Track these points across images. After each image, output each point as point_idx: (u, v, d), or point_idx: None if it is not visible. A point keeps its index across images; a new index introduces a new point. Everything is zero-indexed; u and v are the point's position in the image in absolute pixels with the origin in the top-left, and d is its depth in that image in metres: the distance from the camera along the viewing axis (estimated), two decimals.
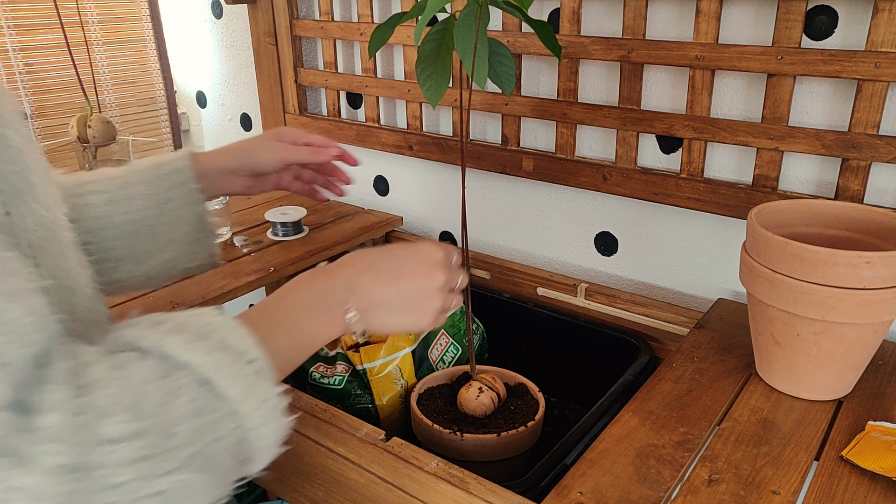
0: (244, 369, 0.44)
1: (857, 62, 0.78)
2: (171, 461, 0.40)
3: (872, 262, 0.63)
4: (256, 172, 0.81)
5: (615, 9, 0.96)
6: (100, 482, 0.37)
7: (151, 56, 1.56)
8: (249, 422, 0.44)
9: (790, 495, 0.60)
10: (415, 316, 0.57)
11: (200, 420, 0.41)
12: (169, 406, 0.40)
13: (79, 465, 0.36)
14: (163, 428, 0.39)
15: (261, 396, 0.44)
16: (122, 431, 0.38)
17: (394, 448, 0.68)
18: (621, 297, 0.99)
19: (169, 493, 0.40)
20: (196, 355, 0.42)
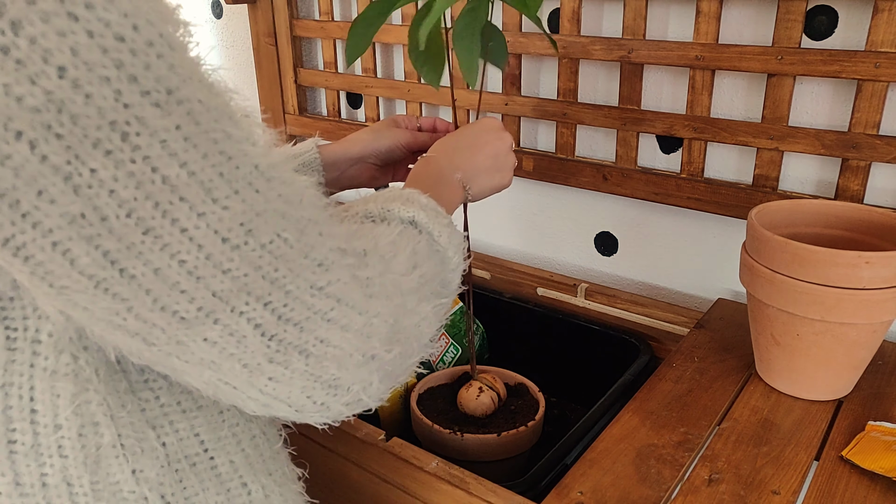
0: (444, 220, 0.54)
1: (857, 62, 0.78)
2: (427, 290, 0.49)
3: (872, 262, 0.63)
4: (383, 160, 0.82)
5: (615, 9, 0.96)
6: (406, 305, 0.46)
7: None
8: (451, 264, 0.54)
9: (790, 495, 0.60)
10: (500, 174, 0.69)
11: (430, 262, 0.51)
12: (417, 249, 0.50)
13: (398, 291, 0.45)
14: (419, 265, 0.49)
15: (457, 242, 0.55)
16: (405, 267, 0.47)
17: (394, 448, 0.68)
18: (621, 297, 0.99)
19: (430, 315, 0.49)
20: (417, 213, 0.52)
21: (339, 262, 0.41)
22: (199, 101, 0.35)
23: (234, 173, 0.36)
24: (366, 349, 0.42)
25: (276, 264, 0.37)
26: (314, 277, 0.39)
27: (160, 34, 0.33)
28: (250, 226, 0.36)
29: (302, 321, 0.39)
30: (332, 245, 0.41)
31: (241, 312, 0.37)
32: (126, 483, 0.44)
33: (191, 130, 0.34)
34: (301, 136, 1.41)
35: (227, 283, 0.36)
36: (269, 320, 0.38)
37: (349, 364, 0.41)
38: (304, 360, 0.40)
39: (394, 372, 0.46)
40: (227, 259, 0.36)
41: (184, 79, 0.34)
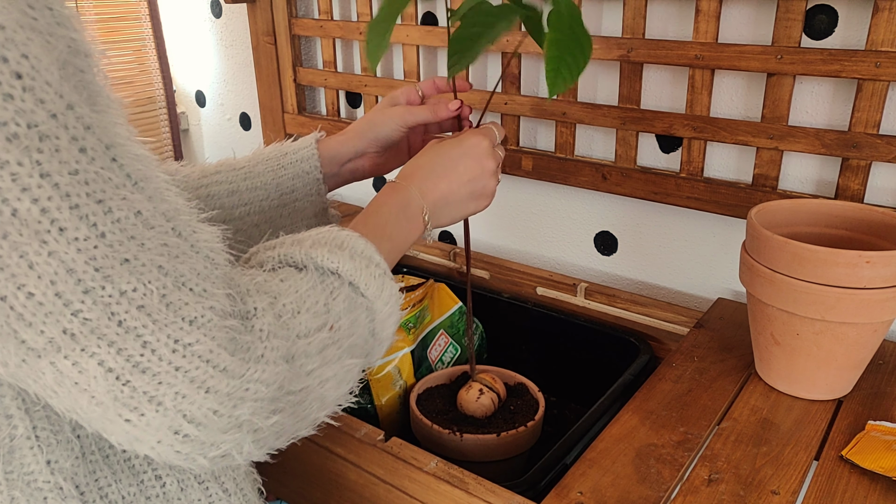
0: (375, 271, 0.51)
1: (857, 62, 0.78)
2: (340, 349, 0.47)
3: (872, 262, 0.63)
4: (383, 145, 0.77)
5: (615, 8, 0.96)
6: (300, 369, 0.44)
7: (150, 56, 1.56)
8: (380, 315, 0.52)
9: (790, 495, 0.60)
10: (475, 202, 0.66)
11: (351, 315, 0.49)
12: (330, 305, 0.47)
13: (288, 355, 0.43)
14: (331, 323, 0.47)
15: (388, 292, 0.52)
16: (309, 327, 0.45)
17: (393, 448, 0.67)
18: (621, 297, 0.99)
19: (338, 376, 0.48)
20: (342, 263, 0.49)
21: (216, 323, 0.39)
22: (70, 140, 0.34)
23: (102, 217, 0.35)
24: (234, 413, 0.40)
25: (136, 314, 0.36)
26: (180, 333, 0.38)
27: (33, 67, 0.33)
28: (109, 272, 0.35)
29: (160, 373, 0.37)
30: (210, 304, 0.39)
31: (92, 353, 0.36)
32: (41, 473, 0.44)
33: (52, 168, 0.33)
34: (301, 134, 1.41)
35: (76, 323, 0.35)
36: (123, 366, 0.37)
37: (212, 426, 0.39)
38: (160, 411, 0.38)
39: (278, 434, 0.44)
40: (78, 300, 0.35)
41: (54, 113, 0.33)
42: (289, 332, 0.44)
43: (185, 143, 1.70)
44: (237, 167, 0.74)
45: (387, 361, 0.87)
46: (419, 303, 0.97)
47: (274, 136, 1.42)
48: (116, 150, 0.36)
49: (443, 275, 1.12)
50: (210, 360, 0.39)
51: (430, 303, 0.98)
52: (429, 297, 0.99)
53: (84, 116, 0.35)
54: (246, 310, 0.42)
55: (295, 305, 0.45)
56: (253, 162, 0.75)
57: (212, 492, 0.53)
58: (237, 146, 1.59)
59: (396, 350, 0.88)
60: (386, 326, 0.53)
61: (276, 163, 0.74)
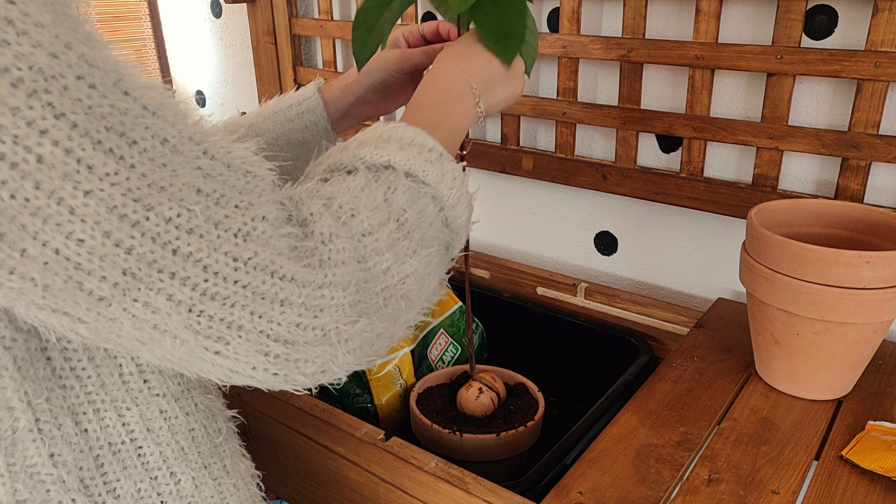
0: (429, 156, 0.49)
1: (856, 62, 0.78)
2: (412, 242, 0.46)
3: (872, 262, 0.63)
4: (382, 91, 0.76)
5: (615, 8, 0.96)
6: (374, 268, 0.43)
7: (150, 55, 1.56)
8: (448, 201, 0.49)
9: (790, 495, 0.60)
10: (514, 81, 0.63)
11: (416, 206, 0.47)
12: (391, 199, 0.45)
13: (357, 256, 0.42)
14: (395, 216, 0.45)
15: (450, 176, 0.49)
16: (371, 224, 0.43)
17: (393, 448, 0.67)
18: (621, 297, 0.99)
19: (418, 270, 0.46)
20: (392, 155, 0.47)
21: (269, 232, 0.38)
22: (77, 78, 0.33)
23: (128, 149, 0.34)
24: (316, 323, 0.39)
25: (188, 238, 0.36)
26: (236, 250, 0.37)
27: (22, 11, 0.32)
28: (149, 200, 0.35)
29: (230, 296, 0.37)
30: (258, 214, 0.38)
31: (158, 289, 0.35)
32: (43, 466, 0.44)
33: (65, 107, 0.33)
34: None
35: (132, 260, 0.35)
36: (191, 296, 0.36)
37: (298, 340, 0.39)
38: (243, 336, 0.38)
39: (371, 340, 0.43)
40: (128, 236, 0.34)
41: (54, 53, 0.33)
42: (352, 231, 0.42)
43: None
44: (245, 124, 0.73)
45: (387, 361, 0.87)
46: None
47: None
48: (126, 84, 0.36)
49: None
50: (275, 272, 0.38)
51: None
52: None
53: (85, 54, 0.34)
54: (302, 216, 0.41)
55: (352, 205, 0.44)
56: (260, 118, 0.74)
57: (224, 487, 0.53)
58: None
59: (396, 350, 0.88)
60: (458, 213, 0.51)
61: (282, 116, 0.73)
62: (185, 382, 0.50)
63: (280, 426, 0.77)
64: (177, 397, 0.50)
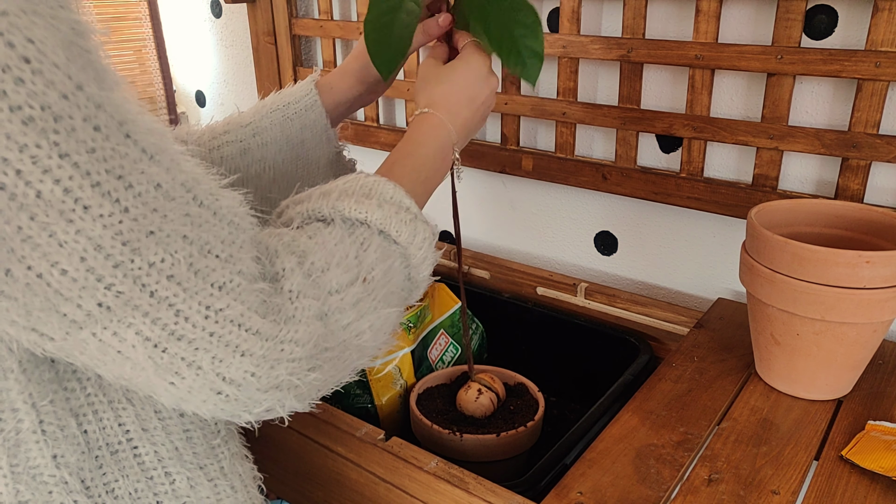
0: (405, 217, 0.51)
1: (856, 62, 0.78)
2: (375, 300, 0.48)
3: (872, 262, 0.63)
4: (377, 84, 0.77)
5: (615, 8, 0.96)
6: (335, 325, 0.45)
7: (150, 56, 1.56)
8: (414, 260, 0.52)
9: (790, 495, 0.60)
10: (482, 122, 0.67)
11: (385, 264, 0.49)
12: (362, 257, 0.48)
13: (321, 313, 0.44)
14: (364, 275, 0.47)
15: (421, 237, 0.52)
16: (340, 282, 0.46)
17: (393, 448, 0.67)
18: (621, 297, 0.99)
19: (375, 326, 0.48)
20: (370, 212, 0.49)
21: (244, 286, 0.40)
22: (83, 120, 0.34)
23: (124, 192, 0.36)
24: (272, 374, 0.41)
25: (167, 284, 0.37)
26: (210, 300, 0.39)
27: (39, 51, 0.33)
28: (136, 244, 0.36)
29: (195, 340, 0.39)
30: (236, 268, 0.40)
31: (129, 324, 0.37)
32: (46, 467, 0.45)
33: (70, 148, 0.34)
34: None
35: (110, 296, 0.36)
36: (159, 335, 0.38)
37: (251, 387, 0.41)
38: (200, 375, 0.40)
39: (319, 388, 0.45)
40: (109, 274, 0.36)
41: (65, 94, 0.34)
42: (319, 289, 0.44)
43: None
44: (244, 123, 0.74)
45: (387, 361, 0.87)
46: (419, 302, 0.97)
47: None
48: (129, 126, 0.37)
49: (443, 274, 1.12)
50: (242, 324, 0.40)
51: (431, 302, 0.98)
52: (429, 296, 0.99)
53: (94, 95, 0.35)
54: (274, 271, 0.43)
55: (324, 262, 0.46)
56: (258, 116, 0.74)
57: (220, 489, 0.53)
58: None
59: (396, 350, 0.88)
60: (422, 269, 0.53)
61: (280, 114, 0.74)
62: None
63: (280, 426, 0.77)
64: None
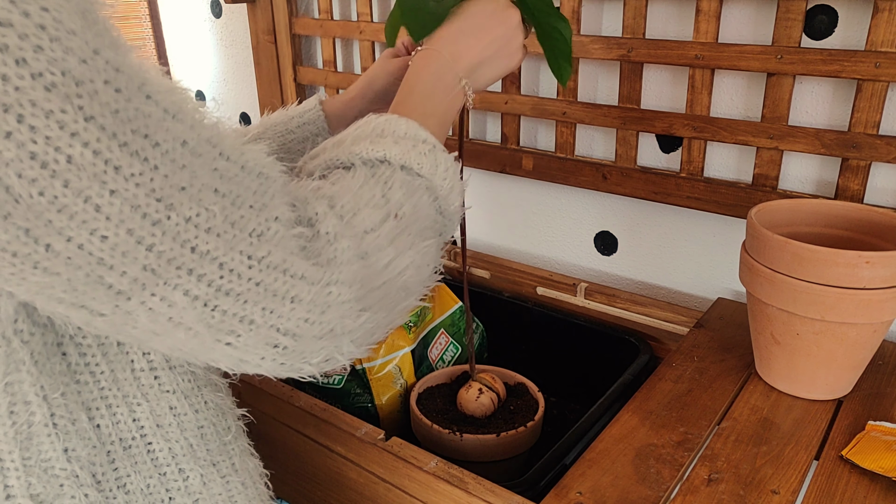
0: (423, 148, 0.50)
1: (856, 62, 0.78)
2: (410, 235, 0.48)
3: (872, 262, 0.63)
4: (385, 99, 0.78)
5: (615, 7, 0.96)
6: (376, 264, 0.45)
7: (150, 55, 1.56)
8: (441, 190, 0.51)
9: (790, 495, 0.60)
10: (507, 59, 0.63)
11: (413, 199, 0.49)
12: (389, 195, 0.47)
13: (360, 253, 0.44)
14: (394, 212, 0.47)
15: (443, 166, 0.51)
16: (372, 221, 0.45)
17: (393, 448, 0.68)
18: (621, 297, 0.99)
19: (415, 262, 0.48)
20: (387, 150, 0.49)
21: (282, 233, 0.40)
22: (104, 83, 0.35)
23: (151, 151, 0.36)
24: (323, 318, 0.41)
25: (206, 237, 0.37)
26: (251, 249, 0.39)
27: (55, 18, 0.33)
28: (171, 200, 0.36)
29: (243, 292, 0.39)
30: (271, 215, 0.40)
31: (175, 285, 0.37)
32: (58, 460, 0.45)
33: (94, 111, 0.34)
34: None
35: (152, 257, 0.36)
36: (207, 292, 0.38)
37: (306, 335, 0.41)
38: (254, 330, 0.39)
39: (372, 329, 0.46)
40: (149, 234, 0.36)
41: (84, 58, 0.34)
42: (354, 230, 0.44)
43: None
44: (245, 134, 0.75)
45: (387, 360, 0.87)
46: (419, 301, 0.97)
47: None
48: (148, 87, 0.37)
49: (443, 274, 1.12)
50: (287, 270, 0.40)
51: (431, 302, 0.98)
52: (429, 296, 0.99)
53: (112, 59, 0.35)
54: (308, 216, 0.43)
55: (353, 204, 0.46)
56: (262, 129, 0.76)
57: (232, 485, 0.53)
58: None
59: (397, 349, 0.88)
60: (451, 201, 0.53)
61: (283, 127, 0.75)
62: (196, 380, 0.51)
63: (280, 426, 0.77)
64: (186, 394, 0.50)
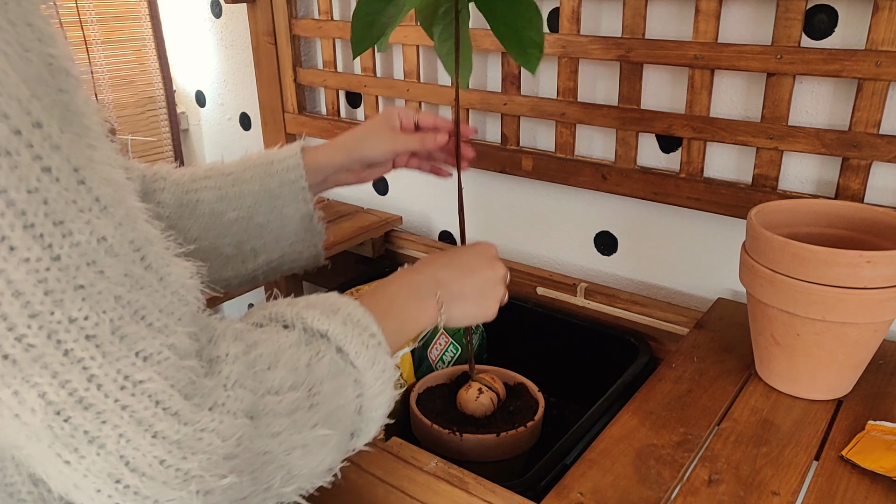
0: (368, 341, 0.49)
1: (857, 61, 0.78)
2: (315, 416, 0.44)
3: (873, 262, 0.63)
4: (368, 165, 0.79)
5: (614, 8, 0.96)
6: (265, 429, 0.41)
7: (150, 55, 1.56)
8: (369, 390, 0.49)
9: (790, 495, 0.60)
10: (484, 306, 0.65)
11: (335, 382, 0.46)
12: (313, 367, 0.45)
13: (252, 410, 0.40)
14: (310, 385, 0.44)
15: (380, 367, 0.49)
16: (282, 383, 0.42)
17: (393, 448, 0.67)
18: (621, 297, 0.98)
19: (310, 446, 0.44)
20: (332, 326, 0.47)
21: (173, 362, 0.37)
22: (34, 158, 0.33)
23: (59, 239, 0.34)
24: (183, 465, 0.37)
25: (85, 344, 0.34)
26: (131, 369, 0.35)
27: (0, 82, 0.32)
28: (60, 296, 0.34)
29: (104, 411, 0.35)
30: (170, 341, 0.37)
31: (33, 383, 0.34)
32: (24, 484, 0.43)
33: (9, 184, 0.32)
34: (300, 135, 1.41)
35: (18, 348, 0.33)
36: (65, 400, 0.34)
37: (157, 475, 0.36)
38: (102, 455, 0.35)
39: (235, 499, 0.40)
40: (24, 324, 0.33)
41: (18, 129, 0.32)
42: (258, 385, 0.41)
43: (185, 143, 1.70)
44: (226, 172, 0.75)
45: None
46: None
47: (274, 135, 1.42)
48: (86, 173, 0.35)
49: None
50: (161, 402, 0.36)
51: None
52: None
53: (52, 136, 0.34)
54: (216, 354, 0.40)
55: (272, 358, 0.43)
56: (241, 168, 0.76)
57: None
58: (237, 146, 1.59)
59: None
60: (375, 405, 0.50)
61: (263, 170, 0.75)
62: None
63: None
64: None
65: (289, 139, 1.40)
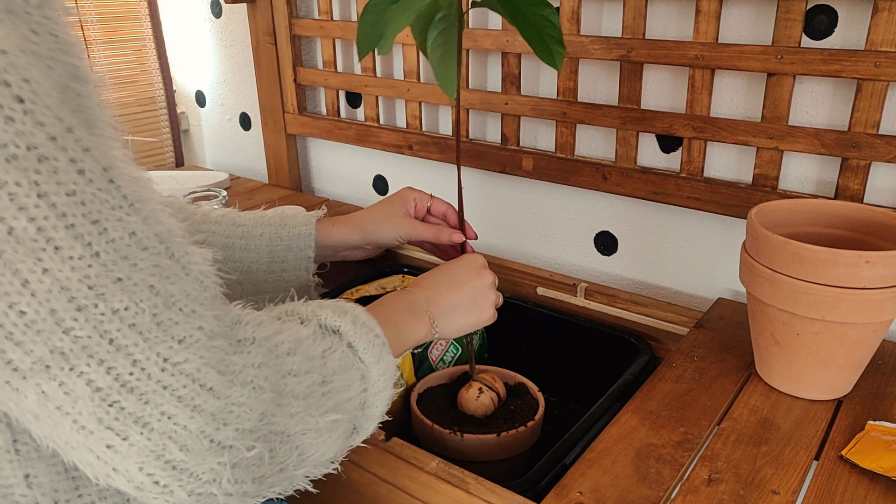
0: (374, 340, 0.53)
1: (856, 61, 0.78)
2: (328, 402, 0.48)
3: (872, 262, 0.63)
4: (380, 247, 0.84)
5: (615, 8, 0.96)
6: (285, 408, 0.44)
7: (150, 55, 1.56)
8: (373, 386, 0.52)
9: (790, 495, 0.60)
10: (477, 313, 0.69)
11: (345, 375, 0.50)
12: (327, 358, 0.49)
13: (274, 387, 0.44)
14: (324, 374, 0.48)
15: (384, 364, 0.53)
16: (299, 367, 0.46)
17: (394, 448, 0.68)
18: (621, 297, 0.99)
19: (321, 431, 0.47)
20: (344, 324, 0.52)
21: (205, 343, 0.40)
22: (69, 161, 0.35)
23: (97, 237, 0.36)
24: (217, 436, 0.40)
25: (127, 332, 0.37)
26: (169, 353, 0.38)
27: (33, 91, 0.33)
28: (103, 290, 0.36)
29: (147, 392, 0.38)
30: (200, 324, 0.40)
31: (80, 372, 0.36)
32: (18, 486, 0.44)
33: (49, 188, 0.34)
34: (300, 135, 1.41)
35: (66, 341, 0.36)
36: (110, 385, 0.37)
37: (195, 447, 0.39)
38: (145, 434, 0.38)
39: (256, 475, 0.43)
40: (71, 318, 0.35)
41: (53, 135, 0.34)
42: (280, 367, 0.45)
43: (186, 143, 1.70)
44: (238, 223, 0.77)
45: None
46: None
47: (274, 135, 1.42)
48: (114, 172, 0.37)
49: None
50: (197, 379, 0.39)
51: None
52: None
53: (83, 139, 0.36)
54: (242, 336, 0.43)
55: (292, 345, 0.47)
56: (253, 223, 0.78)
57: None
58: (237, 146, 1.59)
59: None
60: (377, 401, 0.53)
61: (274, 231, 0.77)
62: None
63: None
64: None
65: (289, 139, 1.41)
